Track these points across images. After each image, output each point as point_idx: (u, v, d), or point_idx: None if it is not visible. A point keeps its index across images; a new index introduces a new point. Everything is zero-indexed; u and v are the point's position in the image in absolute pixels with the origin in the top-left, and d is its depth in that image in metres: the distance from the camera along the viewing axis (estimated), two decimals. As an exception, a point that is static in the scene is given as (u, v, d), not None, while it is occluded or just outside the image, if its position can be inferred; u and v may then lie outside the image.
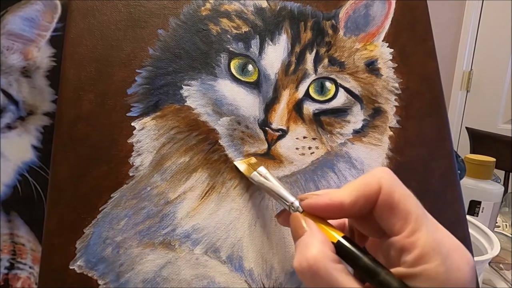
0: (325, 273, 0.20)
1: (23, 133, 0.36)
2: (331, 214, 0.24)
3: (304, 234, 0.23)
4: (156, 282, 0.29)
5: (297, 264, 0.21)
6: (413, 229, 0.21)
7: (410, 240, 0.21)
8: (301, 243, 0.22)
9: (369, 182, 0.23)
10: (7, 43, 0.36)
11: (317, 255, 0.21)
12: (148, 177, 0.31)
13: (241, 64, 0.33)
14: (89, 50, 0.32)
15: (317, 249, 0.21)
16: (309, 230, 0.23)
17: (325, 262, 0.21)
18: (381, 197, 0.22)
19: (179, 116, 0.32)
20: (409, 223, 0.21)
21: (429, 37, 0.39)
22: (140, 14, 0.33)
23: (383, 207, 0.22)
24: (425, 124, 0.36)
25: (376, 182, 0.22)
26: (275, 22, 0.35)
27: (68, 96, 0.31)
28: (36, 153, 0.36)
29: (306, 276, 0.21)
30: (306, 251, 0.21)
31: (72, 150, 0.30)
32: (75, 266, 0.28)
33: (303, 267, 0.21)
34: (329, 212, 0.23)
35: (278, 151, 0.32)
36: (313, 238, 0.22)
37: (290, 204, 0.26)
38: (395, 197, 0.22)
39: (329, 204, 0.23)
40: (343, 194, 0.23)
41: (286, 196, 0.27)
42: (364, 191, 0.22)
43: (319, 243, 0.22)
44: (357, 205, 0.23)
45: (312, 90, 0.34)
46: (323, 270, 0.20)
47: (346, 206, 0.23)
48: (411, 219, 0.21)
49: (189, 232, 0.30)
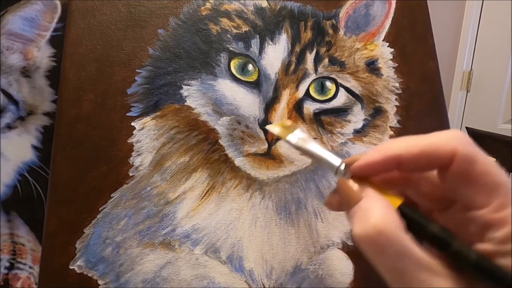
0: (396, 239, 0.18)
1: (23, 133, 0.36)
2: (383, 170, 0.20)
3: (362, 200, 0.20)
4: (156, 282, 0.29)
5: (360, 231, 0.18)
6: (502, 203, 0.18)
7: (500, 216, 0.18)
8: (359, 210, 0.20)
9: (438, 143, 0.19)
10: (7, 43, 0.36)
11: (385, 219, 0.18)
12: (148, 177, 0.31)
13: (241, 64, 0.33)
14: (89, 50, 0.32)
15: (383, 213, 0.19)
16: (368, 195, 0.20)
17: (394, 228, 0.18)
18: (458, 165, 0.19)
19: (179, 116, 0.32)
20: (498, 196, 0.19)
21: (429, 37, 0.39)
22: (140, 14, 0.33)
23: (461, 176, 0.19)
24: (425, 124, 0.36)
25: (450, 146, 0.19)
26: (275, 22, 0.35)
27: (68, 96, 0.31)
28: (36, 153, 0.36)
29: (372, 243, 0.18)
30: (370, 217, 0.19)
31: (72, 150, 0.30)
32: (75, 266, 0.28)
33: (369, 233, 0.18)
34: (382, 168, 0.20)
35: (278, 151, 0.32)
36: (375, 202, 0.20)
37: (336, 168, 0.22)
38: (477, 166, 0.19)
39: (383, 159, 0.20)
40: (401, 145, 0.20)
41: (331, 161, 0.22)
42: (430, 150, 0.19)
43: (384, 207, 0.19)
44: (417, 162, 0.20)
45: (313, 89, 0.34)
46: (392, 235, 0.18)
47: (404, 159, 0.20)
48: (500, 192, 0.19)
49: (189, 232, 0.30)
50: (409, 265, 0.18)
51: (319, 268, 0.31)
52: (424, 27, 0.39)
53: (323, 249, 0.31)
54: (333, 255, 0.31)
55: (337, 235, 0.32)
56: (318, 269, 0.31)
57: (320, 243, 0.31)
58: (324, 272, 0.31)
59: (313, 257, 0.31)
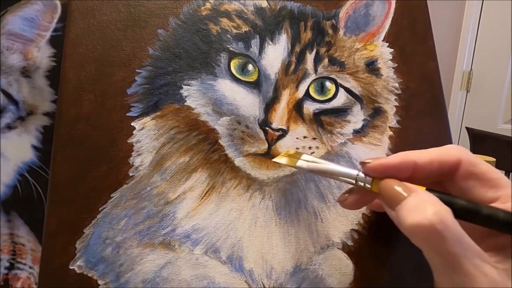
0: (456, 227, 0.20)
1: (23, 133, 0.36)
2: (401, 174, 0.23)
3: (411, 196, 0.21)
4: (156, 282, 0.29)
5: (421, 218, 0.20)
6: (508, 195, 0.21)
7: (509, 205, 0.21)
8: (411, 203, 0.21)
9: (446, 152, 0.23)
10: (7, 43, 0.36)
11: (442, 210, 0.20)
12: (148, 177, 0.31)
13: (241, 64, 0.33)
14: (89, 50, 0.32)
15: (440, 204, 0.20)
16: (416, 192, 0.22)
17: (451, 217, 0.20)
18: (464, 168, 0.23)
19: (179, 116, 0.32)
20: (503, 189, 0.22)
21: (429, 37, 0.39)
22: (140, 14, 0.33)
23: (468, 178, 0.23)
24: (425, 124, 0.36)
25: (455, 155, 0.23)
26: (275, 22, 0.35)
27: (68, 96, 0.31)
28: (36, 153, 0.36)
29: (434, 230, 0.19)
30: (428, 207, 0.20)
31: (72, 150, 0.30)
32: (75, 266, 0.28)
33: (431, 220, 0.19)
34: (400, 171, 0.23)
35: (278, 151, 0.32)
36: (428, 196, 0.21)
37: (356, 176, 0.24)
38: (480, 167, 0.23)
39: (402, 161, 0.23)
40: (415, 154, 0.23)
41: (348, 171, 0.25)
42: (441, 157, 0.23)
43: (437, 200, 0.21)
44: (431, 168, 0.23)
45: (312, 90, 0.34)
46: (452, 224, 0.19)
47: (419, 165, 0.23)
48: (503, 185, 0.22)
49: (189, 232, 0.30)
50: (466, 250, 0.19)
51: (319, 268, 0.31)
52: (424, 27, 0.39)
53: (323, 249, 0.31)
54: (333, 255, 0.31)
55: (337, 235, 0.32)
56: (318, 269, 0.31)
57: (320, 243, 0.31)
58: (324, 272, 0.31)
59: (313, 257, 0.31)
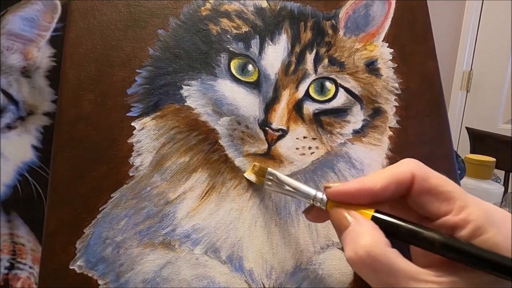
0: (384, 258, 0.20)
1: (23, 133, 0.36)
2: (359, 200, 0.24)
3: (351, 225, 0.22)
4: (156, 282, 0.29)
5: (352, 254, 0.21)
6: (460, 206, 0.21)
7: (461, 217, 0.21)
8: (350, 234, 0.22)
9: (400, 170, 0.23)
10: (7, 43, 0.36)
11: (372, 241, 0.21)
12: (148, 177, 0.31)
13: (241, 64, 0.33)
14: (89, 50, 0.32)
15: (371, 235, 0.21)
16: (356, 220, 0.22)
17: (382, 247, 0.21)
18: (417, 184, 0.23)
19: (179, 116, 0.32)
20: (455, 202, 0.22)
21: (429, 37, 0.39)
22: (140, 14, 0.33)
23: (421, 193, 0.23)
24: (425, 124, 0.36)
25: (408, 171, 0.23)
26: (275, 22, 0.35)
27: (68, 96, 0.31)
28: (36, 153, 0.36)
29: (364, 264, 0.20)
30: (360, 240, 0.21)
31: (72, 150, 0.30)
32: (75, 266, 0.28)
33: (360, 255, 0.20)
34: (358, 197, 0.23)
35: (278, 151, 0.32)
36: (363, 226, 0.22)
37: (313, 196, 0.26)
38: (432, 181, 0.22)
39: (359, 189, 0.23)
40: (373, 179, 0.23)
41: (307, 191, 0.26)
42: (396, 177, 0.23)
43: (371, 230, 0.22)
44: (388, 190, 0.23)
45: (312, 90, 0.34)
46: (381, 255, 0.20)
47: (377, 190, 0.23)
48: (455, 198, 0.22)
49: (189, 232, 0.30)
50: (399, 278, 0.20)
51: (319, 268, 0.31)
52: (424, 27, 0.39)
53: (323, 249, 0.31)
54: (333, 255, 0.31)
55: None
56: (318, 269, 0.31)
57: (320, 243, 0.31)
58: (324, 272, 0.31)
59: (313, 257, 0.31)
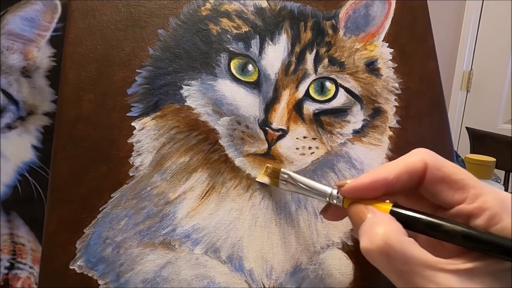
0: (400, 246, 0.20)
1: (23, 133, 0.36)
2: (374, 193, 0.24)
3: (368, 217, 0.23)
4: (156, 282, 0.29)
5: (368, 243, 0.21)
6: (475, 195, 0.21)
7: (476, 205, 0.21)
8: (366, 225, 0.22)
9: (412, 160, 0.23)
10: (7, 43, 0.36)
11: (389, 230, 0.21)
12: (148, 177, 0.31)
13: (241, 64, 0.33)
14: (89, 50, 0.32)
15: (387, 225, 0.21)
16: (372, 213, 0.23)
17: (398, 236, 0.21)
18: (430, 173, 0.23)
19: (179, 116, 0.32)
20: (469, 190, 0.22)
21: (429, 37, 0.39)
22: (140, 14, 0.33)
23: (434, 182, 0.22)
24: (425, 124, 0.36)
25: (420, 160, 0.23)
26: (275, 22, 0.35)
27: (68, 96, 0.31)
28: (36, 153, 0.36)
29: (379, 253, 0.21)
30: (376, 229, 0.21)
31: (72, 150, 0.30)
32: (75, 266, 0.28)
33: (377, 244, 0.21)
34: (373, 190, 0.24)
35: (278, 151, 0.32)
36: (379, 217, 0.22)
37: (329, 194, 0.26)
38: (445, 170, 0.22)
39: (373, 181, 0.23)
40: (385, 170, 0.23)
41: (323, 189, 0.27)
42: (408, 167, 0.23)
43: (387, 220, 0.22)
44: (401, 181, 0.23)
45: (312, 90, 0.34)
46: (397, 243, 0.20)
47: (391, 180, 0.23)
48: (469, 186, 0.22)
49: (189, 232, 0.30)
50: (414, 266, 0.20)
51: (319, 268, 0.31)
52: (424, 27, 0.39)
53: (323, 249, 0.31)
54: (333, 255, 0.31)
55: (337, 235, 0.32)
56: (318, 269, 0.31)
57: (320, 243, 0.31)
58: (324, 272, 0.31)
59: (313, 257, 0.31)
